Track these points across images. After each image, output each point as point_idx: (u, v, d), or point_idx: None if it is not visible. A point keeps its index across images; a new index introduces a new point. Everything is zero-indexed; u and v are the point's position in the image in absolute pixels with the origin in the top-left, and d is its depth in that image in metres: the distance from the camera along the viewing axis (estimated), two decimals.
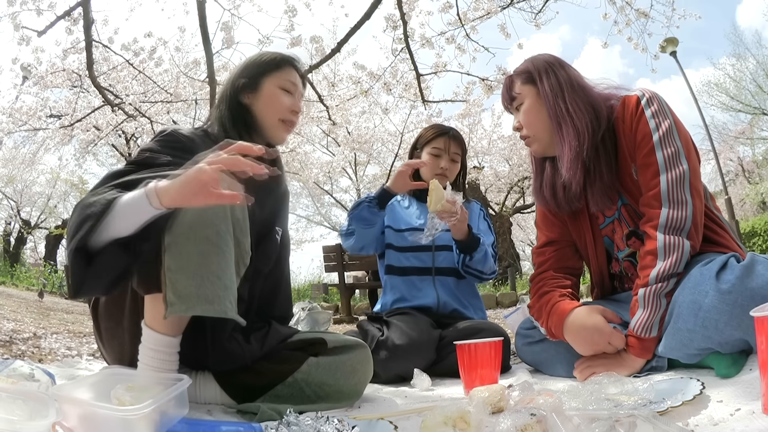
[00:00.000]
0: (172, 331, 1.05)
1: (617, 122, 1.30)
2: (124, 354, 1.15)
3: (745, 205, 16.84)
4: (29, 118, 7.29)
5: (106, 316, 1.17)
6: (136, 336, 1.09)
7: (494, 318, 4.25)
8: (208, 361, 1.19)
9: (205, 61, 3.57)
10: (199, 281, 0.97)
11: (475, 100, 7.15)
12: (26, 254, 16.52)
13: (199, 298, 0.96)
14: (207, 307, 0.97)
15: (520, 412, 0.81)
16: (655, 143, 1.21)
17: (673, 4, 4.60)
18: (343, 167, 11.22)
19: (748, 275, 1.03)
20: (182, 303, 0.96)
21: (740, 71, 16.94)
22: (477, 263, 1.82)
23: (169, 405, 0.83)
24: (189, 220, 0.99)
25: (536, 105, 1.36)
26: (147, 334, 1.04)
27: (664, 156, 1.20)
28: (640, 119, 1.24)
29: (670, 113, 1.25)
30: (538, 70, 1.36)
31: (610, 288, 1.49)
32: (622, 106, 1.29)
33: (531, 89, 1.37)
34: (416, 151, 2.01)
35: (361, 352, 1.31)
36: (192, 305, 0.96)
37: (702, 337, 1.07)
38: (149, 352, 1.04)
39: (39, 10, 4.47)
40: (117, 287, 1.05)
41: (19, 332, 2.69)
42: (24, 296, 6.80)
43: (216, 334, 1.16)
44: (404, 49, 4.49)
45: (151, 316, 1.04)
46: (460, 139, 1.99)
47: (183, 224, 0.99)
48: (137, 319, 1.08)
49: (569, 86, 1.32)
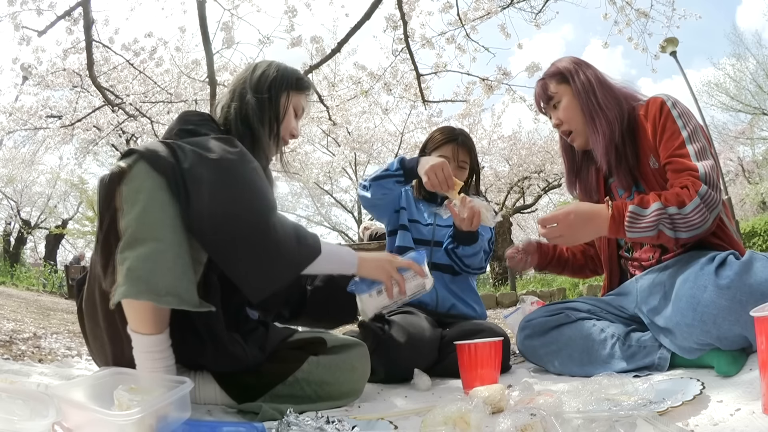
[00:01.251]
0: (156, 328, 1.04)
1: (640, 119, 1.42)
2: (107, 354, 1.14)
3: (745, 205, 16.84)
4: (30, 117, 7.29)
5: (88, 316, 1.17)
6: (112, 336, 1.08)
7: (494, 318, 4.25)
8: (206, 361, 1.19)
9: (206, 61, 3.57)
10: (150, 266, 0.96)
11: (476, 100, 7.14)
12: (26, 254, 16.54)
13: (149, 285, 0.95)
14: (157, 297, 0.96)
15: (520, 412, 0.81)
16: (685, 140, 1.30)
17: (673, 4, 4.60)
18: (343, 167, 11.23)
19: (746, 271, 1.07)
20: (131, 286, 0.94)
21: (740, 71, 16.95)
22: (464, 256, 1.83)
23: (169, 408, 0.83)
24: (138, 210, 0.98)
25: (573, 101, 1.49)
26: (134, 338, 1.04)
27: (695, 151, 1.28)
28: (668, 118, 1.34)
29: (693, 115, 1.35)
30: (569, 70, 1.50)
31: (618, 273, 1.56)
32: (646, 106, 1.41)
33: (566, 88, 1.50)
34: (424, 154, 2.00)
35: (360, 351, 1.32)
36: (141, 291, 0.95)
37: (701, 331, 1.10)
38: (141, 355, 1.04)
39: (39, 10, 4.47)
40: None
41: (19, 332, 2.69)
42: (24, 296, 6.80)
43: (215, 336, 1.14)
44: (404, 49, 4.49)
45: (131, 320, 1.03)
46: (469, 145, 1.97)
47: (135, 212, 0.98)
48: (111, 319, 1.07)
49: (597, 82, 1.46)
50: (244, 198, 1.03)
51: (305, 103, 1.42)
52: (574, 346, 1.41)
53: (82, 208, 16.67)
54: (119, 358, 1.09)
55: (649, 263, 1.41)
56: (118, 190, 1.01)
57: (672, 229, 1.21)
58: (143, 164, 1.01)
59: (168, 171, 1.00)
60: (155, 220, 0.99)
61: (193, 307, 1.00)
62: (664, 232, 1.21)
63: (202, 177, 1.00)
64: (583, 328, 1.43)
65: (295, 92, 1.37)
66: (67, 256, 17.38)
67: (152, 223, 0.98)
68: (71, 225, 16.42)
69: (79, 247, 17.79)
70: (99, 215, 1.05)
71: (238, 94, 1.32)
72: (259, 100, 1.30)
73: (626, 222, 1.23)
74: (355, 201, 13.54)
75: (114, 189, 1.01)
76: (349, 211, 14.11)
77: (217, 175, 1.01)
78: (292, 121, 1.38)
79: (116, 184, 1.01)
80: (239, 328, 1.22)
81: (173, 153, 1.02)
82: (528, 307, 2.08)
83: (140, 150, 1.03)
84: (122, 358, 1.08)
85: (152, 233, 0.98)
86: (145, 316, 1.02)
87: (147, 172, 1.00)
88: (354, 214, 13.58)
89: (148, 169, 1.01)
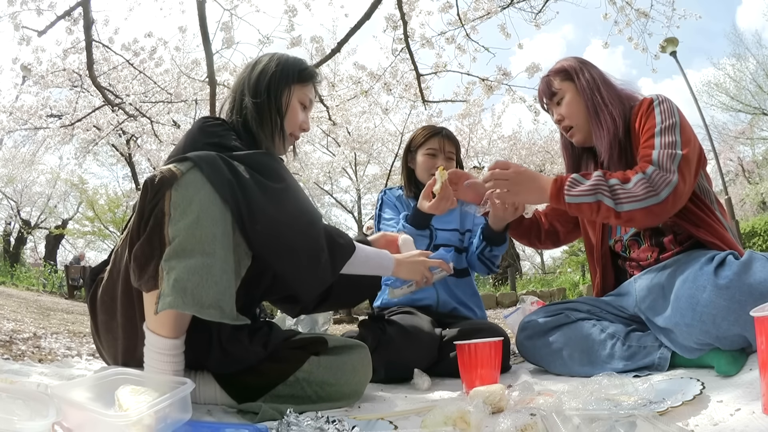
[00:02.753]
0: (174, 333, 1.04)
1: (633, 117, 1.44)
2: (117, 349, 1.14)
3: (745, 205, 16.85)
4: (30, 117, 7.29)
5: (103, 309, 1.16)
6: (128, 332, 1.08)
7: (494, 318, 4.25)
8: (209, 362, 1.19)
9: (206, 61, 3.57)
10: (198, 280, 0.96)
11: (476, 100, 7.14)
12: (26, 254, 16.54)
13: (195, 297, 0.96)
14: (201, 310, 0.96)
15: (520, 412, 0.81)
16: (656, 132, 1.32)
17: (673, 4, 4.60)
18: (343, 167, 11.23)
19: (745, 271, 1.07)
20: (177, 297, 0.95)
21: (740, 71, 16.96)
22: (494, 257, 1.89)
23: (169, 409, 0.83)
24: (190, 221, 0.98)
25: (576, 98, 1.51)
26: (150, 337, 1.04)
27: (662, 142, 1.30)
28: (650, 114, 1.37)
29: (678, 114, 1.35)
30: (573, 68, 1.53)
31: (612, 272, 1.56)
32: (640, 105, 1.44)
33: (570, 85, 1.53)
34: (410, 153, 2.02)
35: (362, 353, 1.31)
36: (187, 303, 0.95)
37: (700, 331, 1.10)
38: (153, 355, 1.03)
39: (39, 10, 4.47)
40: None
41: (19, 332, 2.69)
42: (24, 296, 6.81)
43: (220, 335, 1.15)
44: (404, 49, 4.49)
45: (152, 320, 1.03)
46: (453, 137, 2.01)
47: (186, 222, 0.98)
48: (130, 314, 1.07)
49: (602, 80, 1.49)
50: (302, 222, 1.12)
51: (313, 93, 1.38)
52: (574, 347, 1.41)
53: (82, 208, 16.69)
54: (131, 353, 1.09)
55: (648, 263, 1.41)
56: (168, 194, 0.99)
57: (612, 198, 1.24)
58: (197, 173, 1.01)
59: (225, 186, 1.01)
60: (206, 234, 0.99)
61: (232, 321, 1.01)
62: (603, 201, 1.24)
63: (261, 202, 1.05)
64: (583, 328, 1.43)
65: (299, 85, 1.33)
66: (67, 256, 17.38)
67: (203, 236, 0.98)
68: (71, 225, 16.43)
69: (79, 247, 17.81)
70: (139, 213, 1.02)
71: (237, 98, 1.31)
72: (257, 104, 1.28)
73: (566, 186, 1.30)
74: (355, 201, 13.55)
75: (163, 191, 1.00)
76: (349, 211, 14.10)
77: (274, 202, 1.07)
78: (299, 115, 1.34)
79: (166, 187, 1.00)
80: (246, 327, 1.21)
81: (230, 168, 1.03)
82: (528, 307, 2.09)
83: (194, 158, 1.02)
84: (134, 353, 1.08)
85: (202, 246, 0.98)
86: (170, 320, 1.02)
87: (202, 183, 1.00)
88: (354, 214, 13.57)
89: (203, 180, 1.00)
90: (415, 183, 2.03)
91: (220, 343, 1.14)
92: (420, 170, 1.97)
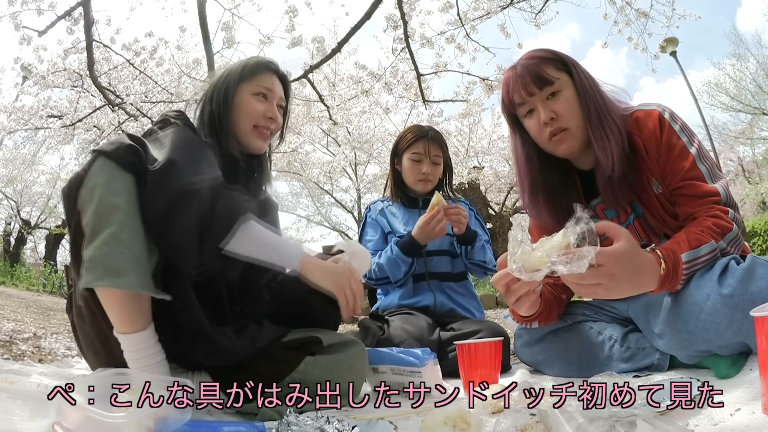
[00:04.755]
0: (137, 325, 1.05)
1: (631, 134, 1.24)
2: (101, 361, 1.15)
3: (745, 205, 16.82)
4: (30, 117, 7.29)
5: (78, 327, 1.19)
6: (103, 341, 1.10)
7: (494, 318, 4.25)
8: (198, 354, 1.16)
9: (206, 60, 3.57)
10: (108, 250, 0.98)
11: (476, 100, 7.14)
12: (26, 254, 16.53)
13: (106, 268, 0.97)
14: (116, 280, 0.97)
15: (520, 412, 0.81)
16: (695, 158, 1.17)
17: (673, 4, 4.61)
18: (343, 167, 11.21)
19: (749, 279, 1.01)
20: (89, 274, 0.97)
21: (740, 71, 16.95)
22: (478, 253, 1.89)
23: (169, 410, 0.83)
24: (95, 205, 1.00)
25: (576, 96, 1.23)
26: (121, 340, 1.05)
27: (707, 169, 1.17)
28: (671, 134, 1.19)
29: (690, 127, 1.24)
30: (569, 58, 1.25)
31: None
32: (637, 119, 1.24)
33: (567, 78, 1.24)
34: (397, 156, 2.03)
35: (357, 349, 1.31)
36: (100, 275, 0.97)
37: (702, 339, 1.06)
38: (130, 355, 1.05)
39: (40, 9, 4.47)
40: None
41: (19, 332, 2.69)
42: (24, 296, 6.80)
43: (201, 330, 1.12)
44: (404, 48, 4.49)
45: (113, 321, 1.05)
46: (440, 140, 1.99)
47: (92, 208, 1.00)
48: (97, 325, 1.09)
49: (596, 83, 1.27)
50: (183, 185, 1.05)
51: (270, 81, 1.38)
52: (572, 350, 1.39)
53: None
54: (114, 362, 1.09)
55: None
56: (78, 195, 1.03)
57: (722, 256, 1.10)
58: (100, 160, 1.03)
59: (123, 153, 1.03)
60: (108, 207, 1.00)
61: (150, 291, 1.02)
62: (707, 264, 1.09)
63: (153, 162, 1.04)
64: (580, 331, 1.41)
65: (245, 82, 1.35)
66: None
67: (105, 210, 1.00)
68: None
69: None
70: (67, 223, 1.07)
71: (200, 109, 1.36)
72: (211, 111, 1.32)
73: (683, 275, 1.05)
74: (355, 201, 13.54)
75: (75, 195, 1.03)
76: (349, 211, 14.08)
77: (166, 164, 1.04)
78: (257, 106, 1.34)
79: (76, 190, 1.03)
80: (228, 323, 1.22)
81: (133, 138, 1.06)
82: None
83: (97, 148, 1.06)
84: (116, 362, 1.08)
85: (106, 219, 0.99)
86: (123, 312, 1.03)
87: (102, 165, 1.02)
88: (354, 214, 13.56)
89: (104, 162, 1.03)
90: (402, 187, 2.04)
91: (200, 336, 1.13)
92: (406, 175, 1.98)
